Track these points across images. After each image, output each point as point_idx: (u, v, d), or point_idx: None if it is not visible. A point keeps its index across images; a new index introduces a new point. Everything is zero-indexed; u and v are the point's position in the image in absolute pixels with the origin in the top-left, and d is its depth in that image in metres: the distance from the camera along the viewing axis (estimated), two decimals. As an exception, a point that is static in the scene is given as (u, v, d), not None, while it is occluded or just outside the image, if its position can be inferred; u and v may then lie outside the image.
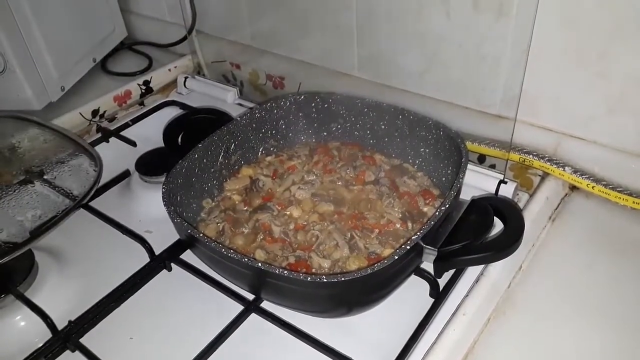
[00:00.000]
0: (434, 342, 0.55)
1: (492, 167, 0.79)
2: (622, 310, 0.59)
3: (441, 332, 0.56)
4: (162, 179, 0.65)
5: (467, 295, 0.59)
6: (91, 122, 0.98)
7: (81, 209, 0.74)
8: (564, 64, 0.67)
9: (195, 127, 0.76)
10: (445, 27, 0.72)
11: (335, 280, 0.49)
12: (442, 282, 0.61)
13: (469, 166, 0.70)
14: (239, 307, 0.60)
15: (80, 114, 0.97)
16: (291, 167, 0.76)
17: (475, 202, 0.61)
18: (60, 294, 0.66)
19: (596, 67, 0.65)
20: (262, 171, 0.76)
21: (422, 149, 0.73)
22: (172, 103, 0.98)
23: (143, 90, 1.06)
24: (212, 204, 0.72)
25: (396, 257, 0.50)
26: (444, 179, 0.70)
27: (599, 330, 0.57)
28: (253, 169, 0.77)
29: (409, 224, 0.65)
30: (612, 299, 0.60)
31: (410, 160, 0.74)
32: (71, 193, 0.76)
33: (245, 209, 0.71)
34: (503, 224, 0.60)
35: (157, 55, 1.14)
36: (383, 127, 0.75)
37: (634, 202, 0.68)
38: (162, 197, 0.61)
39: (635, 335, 0.56)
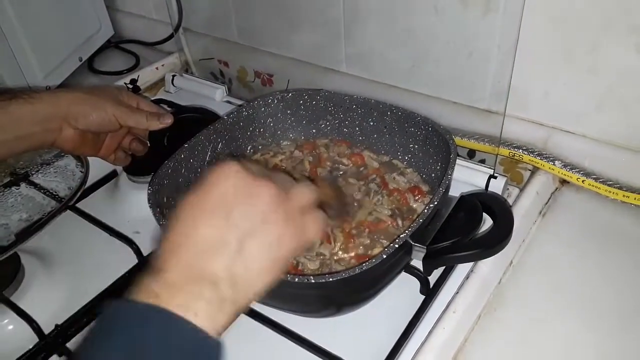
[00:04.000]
0: (425, 340, 0.55)
1: (482, 162, 0.79)
2: (614, 304, 0.59)
3: (432, 329, 0.56)
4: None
5: (457, 292, 0.59)
6: (78, 122, 0.97)
7: (68, 210, 0.73)
8: (552, 59, 0.67)
9: (181, 126, 0.75)
10: (433, 23, 0.71)
11: (324, 280, 0.49)
12: (432, 279, 0.61)
13: (459, 161, 0.70)
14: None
15: (67, 114, 0.95)
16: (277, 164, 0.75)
17: (464, 199, 0.60)
18: (47, 298, 0.65)
19: (585, 61, 0.65)
20: (250, 170, 0.75)
21: (411, 145, 0.72)
22: (160, 102, 0.97)
23: (130, 89, 1.04)
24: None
25: (385, 256, 0.50)
26: (433, 175, 0.70)
27: (590, 325, 0.57)
28: (241, 167, 0.76)
29: (399, 221, 0.65)
30: (604, 293, 0.60)
31: (400, 157, 0.74)
32: (57, 195, 0.75)
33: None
34: (492, 220, 0.60)
35: (144, 54, 1.13)
36: (372, 123, 0.74)
37: (623, 196, 0.68)
38: (148, 198, 0.59)
39: (626, 329, 0.56)
